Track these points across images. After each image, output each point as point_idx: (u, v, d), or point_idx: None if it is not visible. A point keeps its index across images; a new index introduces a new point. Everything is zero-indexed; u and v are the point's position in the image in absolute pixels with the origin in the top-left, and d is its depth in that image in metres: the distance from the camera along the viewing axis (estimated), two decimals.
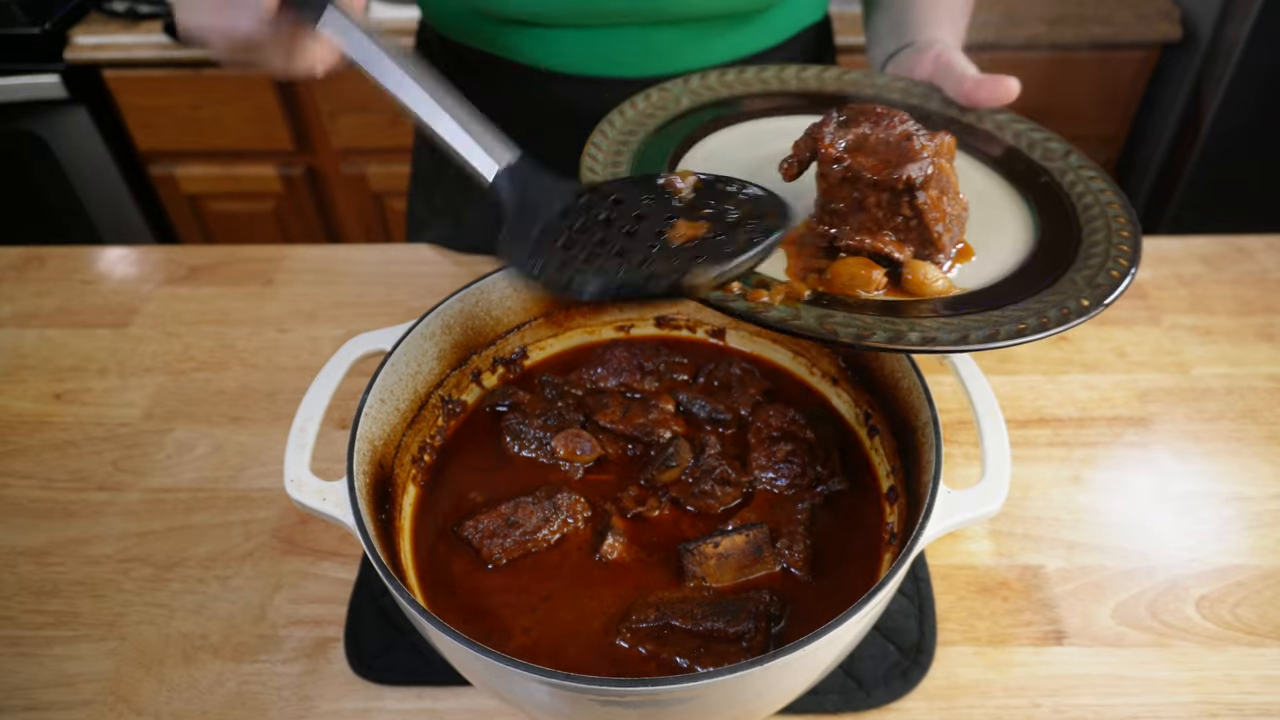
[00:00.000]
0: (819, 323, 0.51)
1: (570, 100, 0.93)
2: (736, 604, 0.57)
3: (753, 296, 0.52)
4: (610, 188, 0.55)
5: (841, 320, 0.51)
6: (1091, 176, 0.65)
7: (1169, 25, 1.77)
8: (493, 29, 0.90)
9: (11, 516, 0.78)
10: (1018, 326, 0.51)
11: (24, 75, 1.78)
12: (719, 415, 0.72)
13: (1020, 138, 0.70)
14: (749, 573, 0.61)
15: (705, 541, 0.61)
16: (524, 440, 0.70)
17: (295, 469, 0.57)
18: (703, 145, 0.70)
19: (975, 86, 0.70)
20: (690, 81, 0.73)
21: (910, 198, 0.54)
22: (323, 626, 0.70)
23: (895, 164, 0.54)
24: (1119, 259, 0.57)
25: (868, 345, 0.50)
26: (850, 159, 0.56)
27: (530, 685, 0.48)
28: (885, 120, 0.57)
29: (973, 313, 0.53)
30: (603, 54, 0.88)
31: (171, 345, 0.95)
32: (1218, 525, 0.75)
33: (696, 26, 0.86)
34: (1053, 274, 0.56)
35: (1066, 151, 0.68)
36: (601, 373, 0.74)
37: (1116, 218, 0.61)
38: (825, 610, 0.49)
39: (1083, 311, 0.52)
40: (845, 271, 0.55)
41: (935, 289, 0.55)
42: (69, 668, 0.67)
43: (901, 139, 0.56)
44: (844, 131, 0.57)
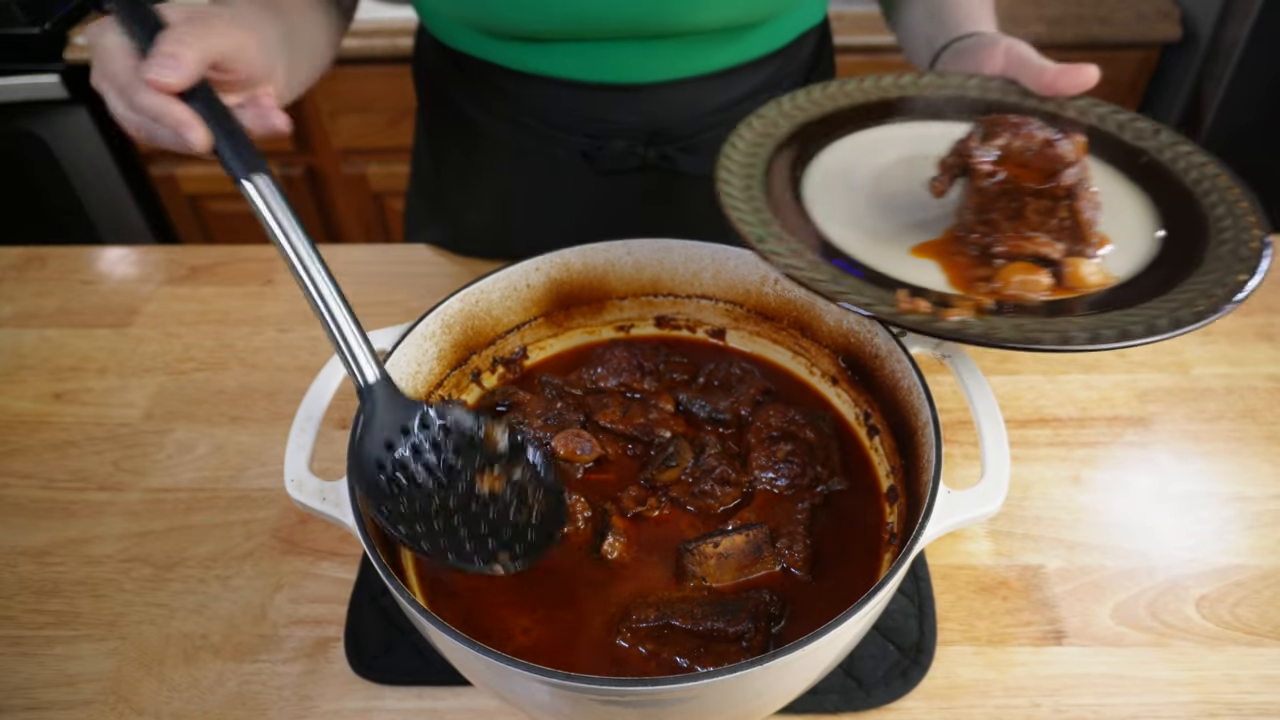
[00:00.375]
0: (1019, 333, 0.54)
1: (572, 106, 0.93)
2: (736, 604, 0.57)
3: (945, 315, 0.55)
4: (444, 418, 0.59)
5: (1037, 327, 0.54)
6: (1189, 151, 0.68)
7: (1169, 25, 1.77)
8: (492, 43, 0.90)
9: (12, 516, 0.78)
10: (1194, 310, 0.55)
11: (24, 75, 1.77)
12: (719, 415, 0.72)
13: (1106, 121, 0.72)
14: (749, 572, 0.61)
15: (705, 541, 0.61)
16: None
17: (295, 469, 0.57)
18: (817, 163, 0.71)
19: (1057, 76, 0.72)
20: (783, 104, 0.74)
21: (1069, 201, 0.58)
22: (323, 626, 0.70)
23: (1050, 172, 0.58)
24: (1250, 228, 0.60)
25: (1071, 348, 0.53)
26: (1005, 171, 0.59)
27: (530, 685, 0.48)
28: (1022, 129, 0.60)
29: (1144, 299, 0.57)
30: (603, 64, 0.88)
31: (172, 345, 0.95)
32: (1218, 525, 0.75)
33: (698, 37, 0.86)
34: (1194, 253, 0.60)
35: (1155, 130, 0.70)
36: (601, 372, 0.74)
37: (1230, 189, 0.64)
38: (825, 610, 0.49)
39: (1242, 286, 0.56)
40: (1015, 279, 0.58)
41: (1094, 281, 0.59)
42: (70, 667, 0.67)
43: (1044, 146, 0.59)
44: (988, 145, 0.60)
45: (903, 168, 0.71)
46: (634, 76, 0.89)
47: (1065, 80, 0.71)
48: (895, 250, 0.64)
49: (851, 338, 0.70)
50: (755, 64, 0.93)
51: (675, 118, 0.93)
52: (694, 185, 0.98)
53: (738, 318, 0.78)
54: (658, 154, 0.95)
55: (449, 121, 1.02)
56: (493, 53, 0.91)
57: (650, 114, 0.93)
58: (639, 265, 0.76)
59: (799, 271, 0.58)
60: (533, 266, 0.73)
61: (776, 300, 0.74)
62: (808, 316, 0.73)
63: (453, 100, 0.99)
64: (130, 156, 1.98)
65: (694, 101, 0.93)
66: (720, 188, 0.66)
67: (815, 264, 0.60)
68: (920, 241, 0.65)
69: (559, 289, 0.76)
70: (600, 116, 0.93)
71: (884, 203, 0.68)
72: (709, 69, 0.90)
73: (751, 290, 0.75)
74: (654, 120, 0.93)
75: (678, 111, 0.93)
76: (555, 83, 0.91)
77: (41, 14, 1.77)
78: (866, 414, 0.70)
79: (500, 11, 0.83)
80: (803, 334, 0.74)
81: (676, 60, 0.88)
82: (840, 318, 0.70)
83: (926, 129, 0.74)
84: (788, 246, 0.61)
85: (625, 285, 0.77)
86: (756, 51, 0.92)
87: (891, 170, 0.71)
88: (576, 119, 0.94)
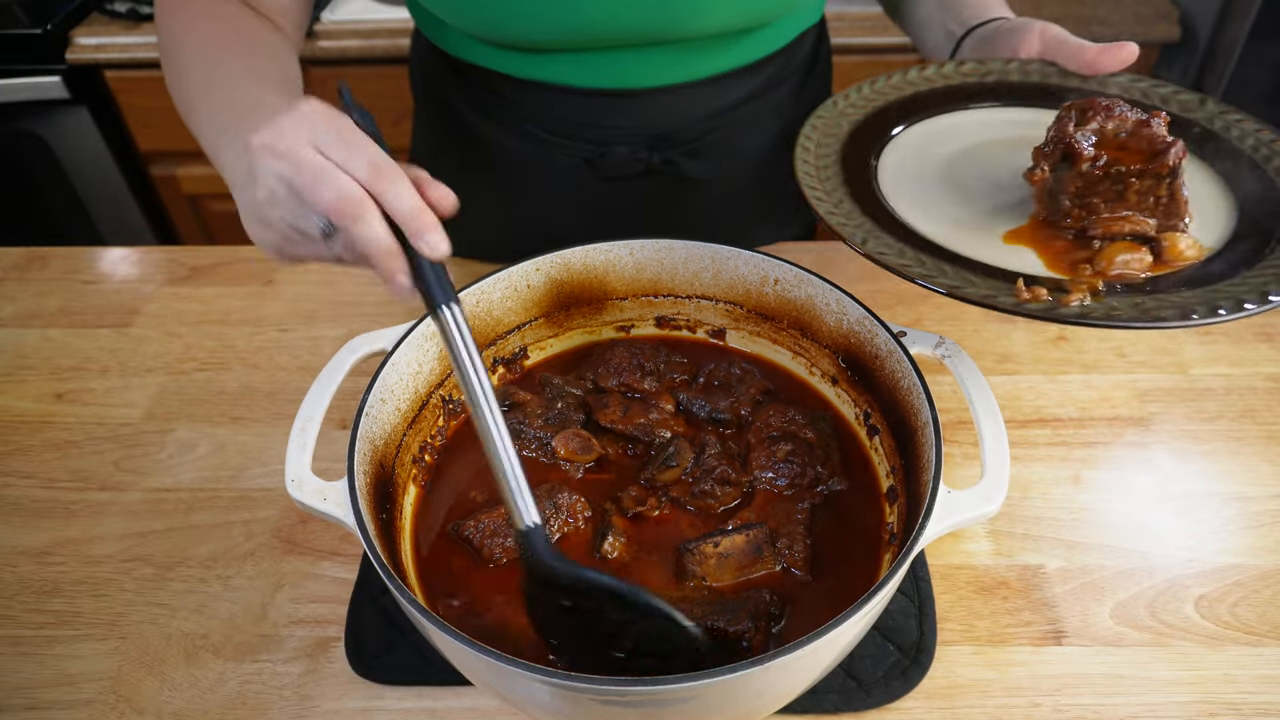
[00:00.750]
0: (1140, 311, 0.55)
1: (572, 113, 0.93)
2: (736, 603, 0.58)
3: (1065, 301, 0.56)
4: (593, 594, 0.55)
5: (1154, 304, 0.55)
6: (1239, 120, 0.69)
7: (1168, 25, 1.77)
8: (491, 51, 0.90)
9: (12, 516, 0.79)
10: None
11: (25, 76, 1.78)
12: (719, 415, 0.72)
13: (1150, 95, 0.74)
14: (749, 572, 0.61)
15: (705, 541, 0.61)
16: (524, 440, 0.70)
17: (296, 469, 0.58)
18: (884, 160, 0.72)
19: (1098, 55, 0.73)
20: (838, 104, 0.76)
21: (1172, 179, 0.59)
22: (323, 626, 0.70)
23: (1152, 153, 0.59)
24: None
25: (1194, 322, 0.54)
26: (1106, 154, 0.60)
27: (530, 685, 0.48)
28: (1115, 110, 0.61)
29: (1245, 269, 0.58)
30: (603, 71, 0.88)
31: (173, 345, 0.95)
32: (1217, 525, 0.75)
33: (699, 43, 0.86)
34: (1275, 218, 0.61)
35: (1201, 100, 0.72)
36: (602, 373, 0.75)
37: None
38: (825, 610, 0.49)
39: None
40: (1117, 258, 0.59)
41: (1191, 255, 0.60)
42: (70, 667, 0.68)
43: (1139, 126, 0.60)
44: (1084, 130, 0.61)
45: (968, 156, 0.72)
46: (634, 82, 0.89)
47: (1107, 58, 0.73)
48: (987, 238, 0.64)
49: (851, 338, 0.70)
50: (755, 66, 0.93)
51: (677, 122, 0.93)
52: (698, 188, 0.98)
53: (738, 318, 0.78)
54: (661, 159, 0.95)
55: (447, 128, 1.02)
56: (492, 60, 0.91)
57: (651, 119, 0.93)
58: (639, 265, 0.76)
59: (910, 269, 0.59)
60: (533, 267, 0.73)
61: (776, 300, 0.74)
62: (808, 316, 0.73)
63: (451, 106, 0.99)
64: (131, 156, 1.98)
65: (695, 106, 0.93)
66: (813, 203, 0.66)
67: (920, 259, 0.60)
68: (1010, 228, 0.65)
69: (559, 289, 0.76)
70: (601, 123, 0.93)
71: (961, 192, 0.69)
72: (709, 73, 0.90)
73: (751, 290, 0.75)
74: (656, 125, 0.93)
75: (679, 116, 0.93)
76: (555, 90, 0.91)
77: (43, 15, 1.78)
78: (866, 414, 0.70)
79: (502, 22, 0.82)
80: (803, 334, 0.74)
81: (677, 66, 0.88)
82: (840, 318, 0.70)
83: (983, 115, 0.76)
84: (887, 244, 0.62)
85: (625, 285, 0.78)
86: (756, 55, 0.92)
87: (958, 159, 0.72)
88: (578, 125, 0.93)
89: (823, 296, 0.71)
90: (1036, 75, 0.77)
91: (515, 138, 0.96)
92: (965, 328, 0.94)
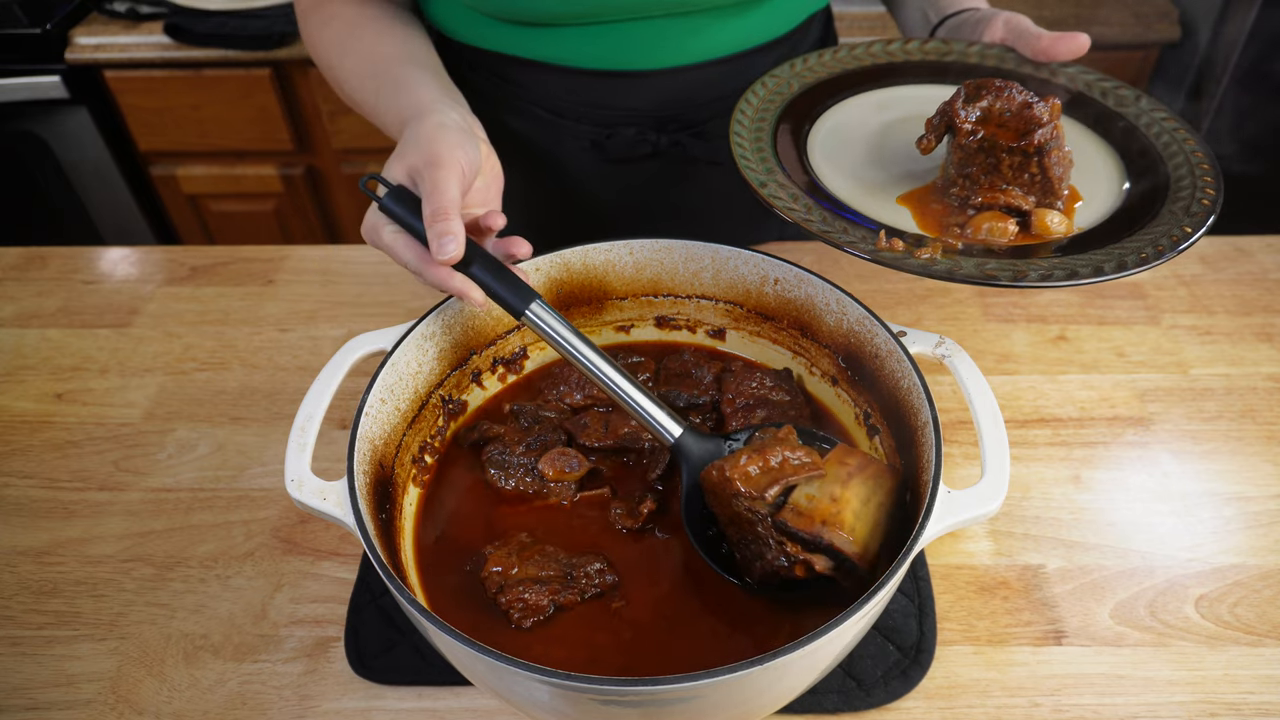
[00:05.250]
0: (979, 270, 0.60)
1: (580, 95, 0.93)
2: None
3: (917, 254, 0.61)
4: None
5: (996, 266, 0.60)
6: (1163, 117, 0.74)
7: (1168, 25, 1.77)
8: (496, 30, 0.90)
9: (12, 516, 0.79)
10: (1140, 255, 0.60)
11: (25, 76, 1.78)
12: (696, 400, 0.72)
13: (1092, 87, 0.78)
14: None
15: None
16: (509, 469, 0.69)
17: (296, 469, 0.57)
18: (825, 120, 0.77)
19: (1053, 43, 0.77)
20: (795, 66, 0.81)
21: (1039, 157, 0.64)
22: (323, 626, 0.70)
23: (1024, 131, 0.64)
24: (1205, 188, 0.66)
25: (1024, 284, 0.59)
26: (984, 130, 0.65)
27: (530, 685, 0.48)
28: (1005, 92, 0.65)
29: (1096, 248, 0.62)
30: (608, 48, 0.88)
31: (172, 345, 0.95)
32: (1217, 525, 0.75)
33: (703, 17, 0.87)
34: (1152, 207, 0.66)
35: (1137, 96, 0.76)
36: (565, 389, 0.75)
37: (1194, 152, 0.70)
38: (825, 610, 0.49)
39: (1187, 237, 0.61)
40: (983, 224, 0.65)
41: (1059, 230, 0.65)
42: (70, 667, 0.68)
43: (1023, 108, 0.64)
44: (972, 106, 0.65)
45: (901, 126, 0.76)
46: (642, 63, 0.89)
47: (1060, 46, 0.76)
48: (883, 199, 0.70)
49: (851, 338, 0.70)
50: (762, 49, 0.93)
51: (684, 104, 0.94)
52: (707, 170, 0.98)
53: (738, 318, 0.78)
54: (669, 140, 0.95)
55: None
56: (499, 42, 0.91)
57: (659, 100, 0.93)
58: (639, 265, 0.76)
59: (793, 213, 0.64)
60: (532, 267, 0.73)
61: (776, 300, 0.74)
62: (808, 316, 0.73)
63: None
64: (130, 156, 1.98)
65: (702, 87, 0.93)
66: (732, 139, 0.71)
67: (810, 207, 0.66)
68: (905, 191, 0.71)
69: (559, 289, 0.76)
70: (609, 104, 0.93)
71: (879, 157, 0.74)
72: (716, 54, 0.91)
73: (751, 290, 0.75)
74: (663, 107, 0.93)
75: (686, 98, 0.93)
76: (563, 71, 0.91)
77: (43, 15, 1.78)
78: (866, 414, 0.70)
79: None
80: (803, 334, 0.74)
81: (683, 44, 0.89)
82: (840, 317, 0.70)
83: (929, 91, 0.80)
84: (788, 192, 0.67)
85: (625, 285, 0.77)
86: (762, 35, 0.92)
87: (891, 128, 0.77)
88: (586, 107, 0.94)
89: (823, 296, 0.71)
90: (993, 60, 0.81)
91: (525, 122, 0.96)
92: (965, 328, 0.94)
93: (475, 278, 0.63)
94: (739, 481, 0.58)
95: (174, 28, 1.76)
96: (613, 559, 0.63)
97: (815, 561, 0.56)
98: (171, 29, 1.76)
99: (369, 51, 0.81)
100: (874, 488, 0.59)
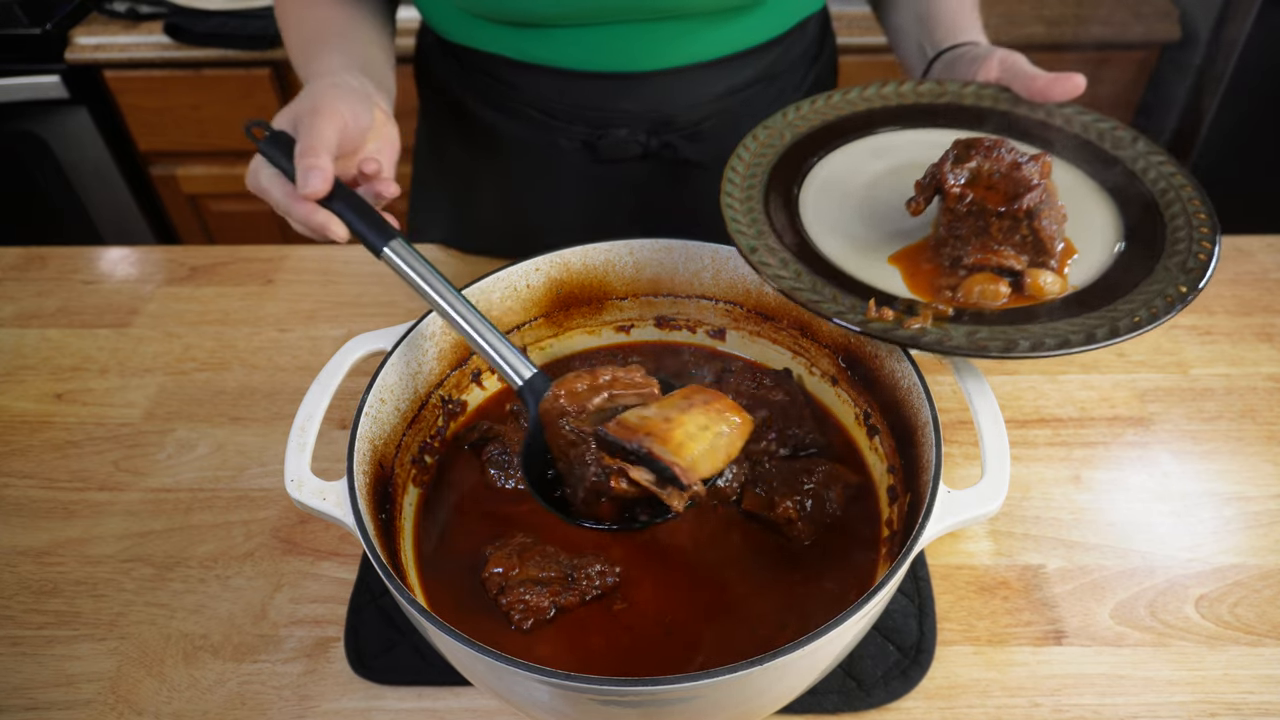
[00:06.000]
0: (969, 341, 0.58)
1: (572, 96, 0.93)
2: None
3: (907, 324, 0.60)
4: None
5: (987, 335, 0.59)
6: (1161, 161, 0.71)
7: (1168, 25, 1.77)
8: (489, 31, 0.90)
9: (12, 516, 0.79)
10: (1134, 319, 0.58)
11: (25, 76, 1.78)
12: None
13: (1089, 129, 0.75)
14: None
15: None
16: (509, 470, 0.69)
17: (295, 469, 0.57)
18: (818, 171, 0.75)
19: (1048, 84, 0.75)
20: (788, 115, 0.78)
21: (1030, 220, 0.62)
22: (323, 626, 0.70)
23: (1014, 195, 0.62)
24: (1201, 240, 0.64)
25: (1015, 355, 0.57)
26: (973, 193, 0.63)
27: (530, 685, 0.48)
28: (995, 151, 0.63)
29: (1090, 311, 0.60)
30: (602, 50, 0.88)
31: (172, 345, 0.95)
32: (1217, 525, 0.75)
33: (696, 20, 0.86)
34: (1147, 263, 0.64)
35: (1134, 138, 0.73)
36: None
37: (1191, 200, 0.67)
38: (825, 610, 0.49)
39: (1183, 298, 0.60)
40: (975, 287, 0.63)
41: (1053, 290, 0.63)
42: (69, 667, 0.68)
43: (1012, 168, 0.62)
44: (960, 168, 0.64)
45: (894, 177, 0.74)
46: (633, 65, 0.90)
47: (1056, 88, 0.74)
48: (874, 258, 0.67)
49: (851, 338, 0.70)
50: (755, 51, 0.93)
51: (676, 106, 0.94)
52: (699, 172, 0.98)
53: (738, 318, 0.78)
54: (660, 142, 0.95)
55: (451, 119, 1.02)
56: (493, 43, 0.91)
57: (651, 102, 0.93)
58: (639, 265, 0.76)
59: (782, 281, 0.63)
60: (532, 267, 0.73)
61: (776, 300, 0.74)
62: (807, 316, 0.73)
63: (455, 97, 1.00)
64: (130, 156, 1.98)
65: (694, 89, 0.93)
66: (723, 200, 0.69)
67: (799, 274, 0.64)
68: (897, 249, 0.68)
69: (559, 289, 0.76)
70: (601, 106, 0.93)
71: (871, 211, 0.71)
72: (708, 56, 0.91)
73: (751, 290, 0.75)
74: (655, 109, 0.93)
75: (679, 99, 0.93)
76: (555, 73, 0.91)
77: (43, 15, 1.77)
78: (866, 414, 0.70)
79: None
80: (803, 334, 0.74)
81: (675, 47, 0.89)
82: None
83: (924, 136, 0.77)
84: (778, 257, 0.65)
85: (625, 285, 0.77)
86: (755, 38, 0.92)
87: (884, 180, 0.74)
88: (579, 109, 0.94)
89: None
90: (989, 100, 0.78)
91: (517, 123, 0.96)
92: None
93: (340, 216, 0.64)
94: (564, 398, 0.59)
95: (174, 28, 1.76)
96: (613, 560, 0.63)
97: (630, 470, 0.55)
98: (171, 29, 1.76)
99: (311, 26, 0.85)
100: (717, 421, 0.58)
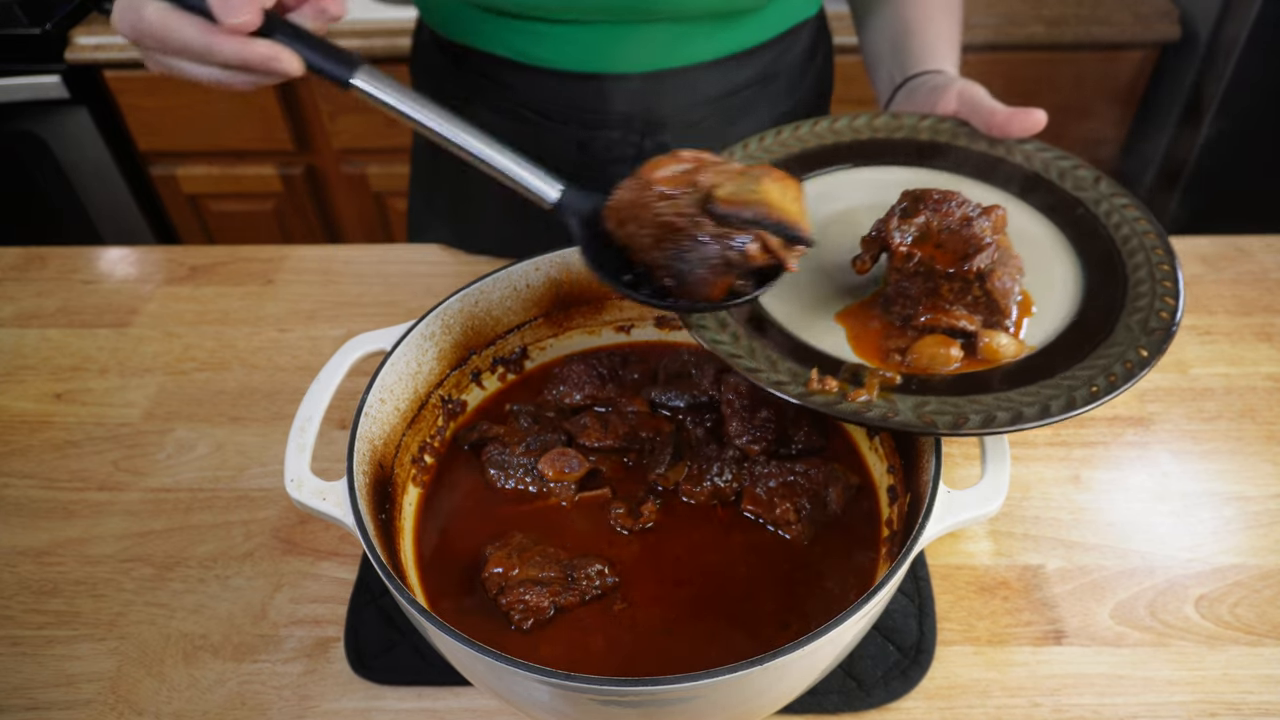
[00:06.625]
0: (917, 415, 0.54)
1: (567, 96, 0.93)
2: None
3: (852, 396, 0.56)
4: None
5: (935, 409, 0.55)
6: (1124, 205, 0.67)
7: (1168, 25, 1.77)
8: (485, 25, 0.90)
9: (12, 516, 0.79)
10: (1091, 389, 0.55)
11: (25, 76, 1.77)
12: (699, 400, 0.72)
13: (1050, 168, 0.71)
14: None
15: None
16: (509, 469, 0.69)
17: (295, 469, 0.57)
18: None
19: (1006, 120, 0.71)
20: (735, 154, 0.74)
21: (981, 282, 0.58)
22: (323, 626, 0.70)
23: (964, 255, 0.58)
24: (1164, 295, 0.60)
25: (965, 432, 0.53)
26: (921, 253, 0.59)
27: (530, 685, 0.48)
28: (943, 205, 0.60)
29: (1046, 378, 0.57)
30: (596, 50, 0.89)
31: (172, 345, 0.95)
32: (1217, 525, 0.75)
33: (691, 23, 0.87)
34: (1107, 321, 0.60)
35: (1096, 179, 0.69)
36: (565, 389, 0.74)
37: (1155, 249, 0.63)
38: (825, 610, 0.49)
39: (1144, 363, 0.56)
40: (926, 352, 0.59)
41: (1008, 353, 0.59)
42: (69, 667, 0.68)
43: (962, 224, 0.59)
44: (908, 223, 0.60)
45: (842, 226, 0.69)
46: (627, 66, 0.90)
47: (1015, 123, 0.71)
48: (820, 317, 0.64)
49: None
50: (749, 54, 0.93)
51: (670, 107, 0.94)
52: None
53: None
54: (653, 144, 0.95)
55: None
56: (489, 40, 0.91)
57: (644, 104, 0.93)
58: None
59: (719, 347, 0.59)
60: (532, 266, 0.73)
61: None
62: None
63: (450, 97, 1.00)
64: (130, 156, 1.98)
65: (688, 91, 0.93)
66: None
67: (736, 336, 0.60)
68: (847, 305, 0.64)
69: (559, 289, 0.76)
70: (595, 107, 0.93)
71: (818, 265, 0.67)
72: (702, 58, 0.91)
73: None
74: (649, 110, 0.94)
75: (672, 101, 0.93)
76: (550, 73, 0.91)
77: (43, 15, 1.77)
78: None
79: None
80: None
81: (669, 48, 0.89)
82: None
83: (876, 175, 0.73)
84: (715, 317, 0.61)
85: None
86: (749, 41, 0.92)
87: (832, 227, 0.69)
88: (572, 109, 0.94)
89: None
90: (946, 135, 0.75)
91: (512, 123, 0.97)
92: None
93: (287, 47, 0.57)
94: (662, 183, 0.54)
95: None
96: (613, 560, 0.63)
97: (768, 239, 0.52)
98: None
99: None
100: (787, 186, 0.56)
